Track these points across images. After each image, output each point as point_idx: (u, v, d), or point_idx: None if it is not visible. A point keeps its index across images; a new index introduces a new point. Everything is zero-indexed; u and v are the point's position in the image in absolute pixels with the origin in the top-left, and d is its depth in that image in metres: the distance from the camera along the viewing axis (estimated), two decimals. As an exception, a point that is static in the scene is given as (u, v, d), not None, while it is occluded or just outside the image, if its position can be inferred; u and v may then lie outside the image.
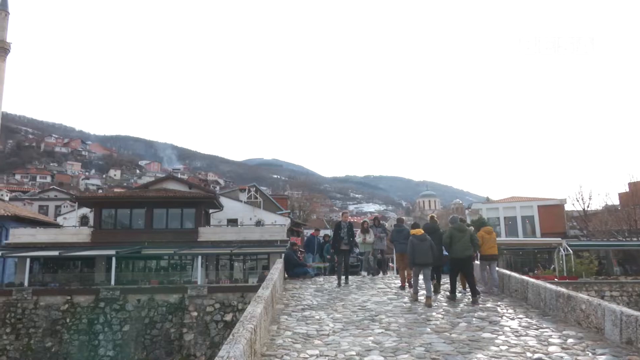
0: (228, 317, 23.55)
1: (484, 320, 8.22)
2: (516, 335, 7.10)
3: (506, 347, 6.43)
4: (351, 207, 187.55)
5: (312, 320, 8.27)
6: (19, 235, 30.26)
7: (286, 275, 13.80)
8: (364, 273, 15.37)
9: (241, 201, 40.24)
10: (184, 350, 23.03)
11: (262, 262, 30.52)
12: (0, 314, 23.54)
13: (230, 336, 5.12)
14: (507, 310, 9.14)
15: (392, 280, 13.58)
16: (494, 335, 7.09)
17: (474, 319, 8.28)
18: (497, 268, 11.64)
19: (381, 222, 16.89)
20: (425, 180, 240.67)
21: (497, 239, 11.95)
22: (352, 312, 8.98)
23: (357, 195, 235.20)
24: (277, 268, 12.12)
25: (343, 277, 12.65)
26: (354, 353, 6.12)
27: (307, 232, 40.34)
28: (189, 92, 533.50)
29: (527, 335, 7.12)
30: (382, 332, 7.33)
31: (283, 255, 16.50)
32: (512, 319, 8.36)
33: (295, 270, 14.07)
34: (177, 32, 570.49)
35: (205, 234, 30.58)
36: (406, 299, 10.34)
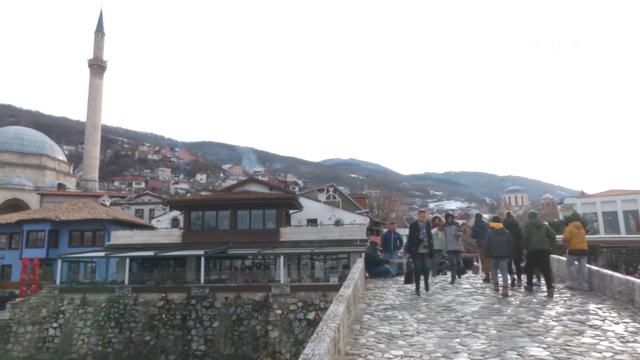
0: (311, 316, 23.91)
1: (583, 323, 7.59)
2: (622, 342, 6.47)
3: (611, 354, 5.88)
4: (431, 205, 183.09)
5: (395, 321, 8.13)
6: (119, 236, 32.88)
7: (367, 275, 13.71)
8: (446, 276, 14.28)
9: (320, 201, 40.74)
10: (270, 347, 23.72)
11: (342, 261, 30.67)
12: (105, 309, 25.75)
13: (315, 334, 5.15)
14: (609, 313, 8.38)
15: (478, 280, 13.01)
16: (596, 341, 6.51)
17: (571, 322, 7.68)
18: (588, 265, 11.32)
19: (455, 219, 15.20)
20: (511, 175, 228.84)
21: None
22: (437, 313, 8.71)
23: (437, 193, 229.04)
24: (358, 267, 12.07)
25: (422, 285, 11.04)
26: (439, 355, 5.91)
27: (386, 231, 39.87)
28: (268, 96, 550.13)
29: (635, 341, 6.47)
30: (469, 334, 7.02)
31: (363, 254, 16.44)
32: (617, 323, 7.64)
33: (376, 269, 13.94)
34: (252, 38, 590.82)
35: (287, 234, 31.30)
36: (494, 300, 9.85)
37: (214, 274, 29.67)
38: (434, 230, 12.66)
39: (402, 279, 13.62)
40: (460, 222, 15.35)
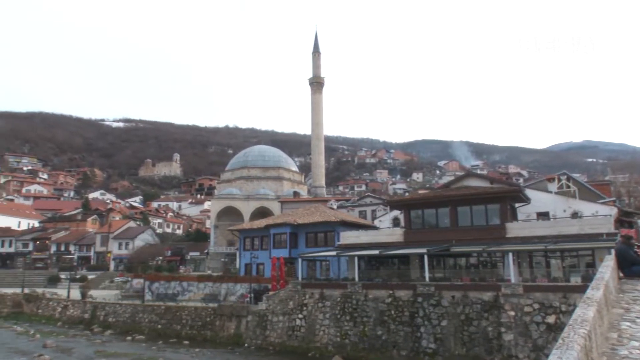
0: (550, 319, 21.55)
1: None
2: None
3: None
4: None
5: (668, 331, 6.59)
6: (347, 237, 35.39)
7: (621, 275, 11.60)
8: None
9: (550, 192, 36.58)
10: (504, 350, 22.22)
11: (584, 259, 26.82)
12: (340, 304, 27.98)
13: (560, 340, 4.52)
14: None
15: None
16: None
17: None
18: None
19: None
20: None
21: None
22: None
23: None
24: (608, 265, 10.27)
25: None
26: None
27: (642, 223, 33.37)
28: (477, 85, 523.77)
29: None
30: None
31: (613, 250, 13.99)
32: None
33: (633, 268, 11.68)
34: (453, 31, 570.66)
35: (513, 229, 28.99)
36: None
37: (437, 272, 29.40)
38: None
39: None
40: None
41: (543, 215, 34.58)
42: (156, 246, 74.59)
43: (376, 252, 30.04)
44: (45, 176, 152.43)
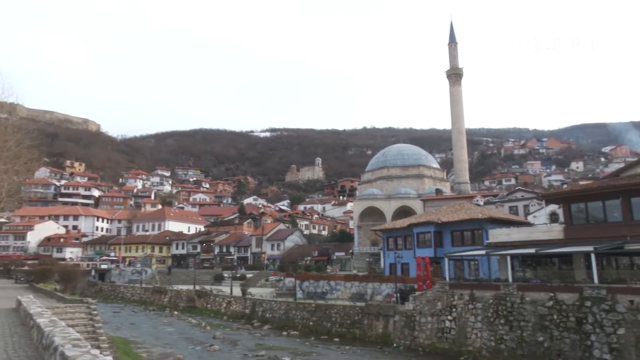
0: None
1: None
2: None
3: None
4: None
5: None
6: (497, 235, 33.04)
7: None
8: None
9: None
10: None
11: None
12: (493, 306, 26.18)
13: None
14: None
15: None
16: None
17: None
18: None
19: None
20: None
21: None
22: None
23: None
24: None
25: None
26: None
27: None
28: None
29: None
30: None
31: None
32: None
33: None
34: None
35: None
36: None
37: (608, 272, 25.80)
38: None
39: None
40: None
41: None
42: (304, 247, 78.53)
43: (532, 250, 27.56)
44: (207, 185, 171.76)
